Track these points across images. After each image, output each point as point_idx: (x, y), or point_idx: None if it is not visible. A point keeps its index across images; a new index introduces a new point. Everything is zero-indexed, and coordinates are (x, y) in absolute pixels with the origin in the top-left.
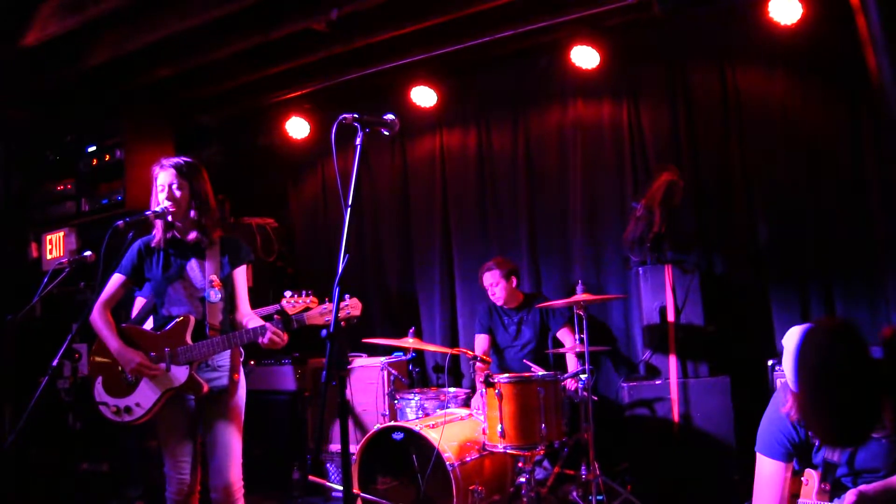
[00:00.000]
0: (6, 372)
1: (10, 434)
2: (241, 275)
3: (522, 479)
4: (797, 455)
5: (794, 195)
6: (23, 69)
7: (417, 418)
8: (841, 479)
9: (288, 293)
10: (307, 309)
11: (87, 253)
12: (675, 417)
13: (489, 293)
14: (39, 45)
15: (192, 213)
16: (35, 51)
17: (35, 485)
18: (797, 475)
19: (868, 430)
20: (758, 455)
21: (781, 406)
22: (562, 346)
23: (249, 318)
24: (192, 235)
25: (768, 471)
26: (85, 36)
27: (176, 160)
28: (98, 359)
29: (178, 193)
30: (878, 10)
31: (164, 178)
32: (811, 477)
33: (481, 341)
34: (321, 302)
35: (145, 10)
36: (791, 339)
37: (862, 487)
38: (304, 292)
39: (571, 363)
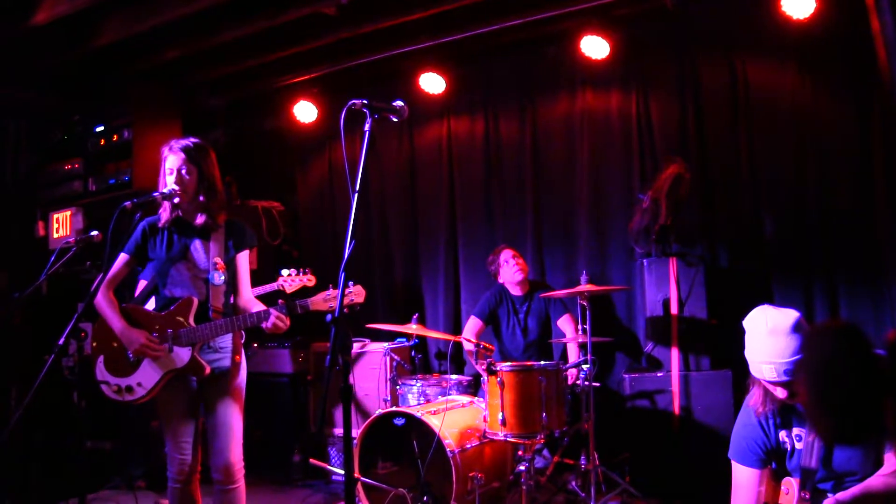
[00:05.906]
0: (12, 350)
1: (16, 411)
2: (244, 259)
3: (522, 468)
4: (771, 461)
5: (801, 190)
6: (32, 48)
7: (419, 404)
8: (818, 484)
9: (285, 271)
10: (304, 288)
11: (94, 233)
12: (676, 410)
13: (510, 267)
14: (48, 24)
15: (200, 196)
16: (44, 30)
17: (39, 462)
18: (777, 483)
19: (869, 431)
20: (732, 462)
21: (750, 406)
22: (563, 335)
23: (252, 303)
24: (198, 218)
25: (743, 478)
26: (94, 16)
27: (186, 143)
28: (100, 338)
29: (186, 178)
30: (892, 11)
31: (172, 161)
32: (790, 486)
33: (473, 324)
34: (320, 280)
35: None
36: (753, 321)
37: (839, 495)
38: (301, 270)
39: (573, 354)
